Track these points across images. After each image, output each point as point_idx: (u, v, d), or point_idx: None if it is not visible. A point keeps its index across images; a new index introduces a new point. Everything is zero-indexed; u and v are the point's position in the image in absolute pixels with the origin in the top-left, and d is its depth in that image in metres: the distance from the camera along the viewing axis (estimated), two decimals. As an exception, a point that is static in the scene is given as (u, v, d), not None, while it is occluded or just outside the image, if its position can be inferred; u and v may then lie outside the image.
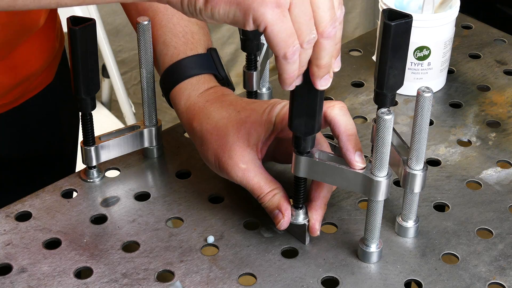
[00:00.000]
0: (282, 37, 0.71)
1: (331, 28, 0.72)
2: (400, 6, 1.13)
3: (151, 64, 0.94)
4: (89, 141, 0.95)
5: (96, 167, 0.98)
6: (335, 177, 0.84)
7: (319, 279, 0.86)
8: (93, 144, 0.95)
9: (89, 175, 0.98)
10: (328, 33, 0.72)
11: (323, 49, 0.74)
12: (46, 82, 1.13)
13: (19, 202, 0.95)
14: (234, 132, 0.89)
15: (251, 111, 0.90)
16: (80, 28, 0.85)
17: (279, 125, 0.89)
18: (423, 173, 0.87)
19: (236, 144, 0.89)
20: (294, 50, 0.72)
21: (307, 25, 0.71)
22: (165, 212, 0.94)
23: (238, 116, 0.90)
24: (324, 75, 0.75)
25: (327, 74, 0.75)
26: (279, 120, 0.88)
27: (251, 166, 0.88)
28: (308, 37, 0.72)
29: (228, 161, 0.89)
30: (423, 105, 0.82)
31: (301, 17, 0.71)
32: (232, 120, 0.90)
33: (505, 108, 1.12)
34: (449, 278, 0.86)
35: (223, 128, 0.90)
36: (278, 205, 0.88)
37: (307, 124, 0.80)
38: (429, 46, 1.11)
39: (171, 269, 0.87)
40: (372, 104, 1.10)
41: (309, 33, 0.72)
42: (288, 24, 0.71)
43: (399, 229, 0.91)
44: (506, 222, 0.93)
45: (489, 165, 1.01)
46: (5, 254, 0.88)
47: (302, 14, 0.71)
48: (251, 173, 0.88)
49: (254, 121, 0.89)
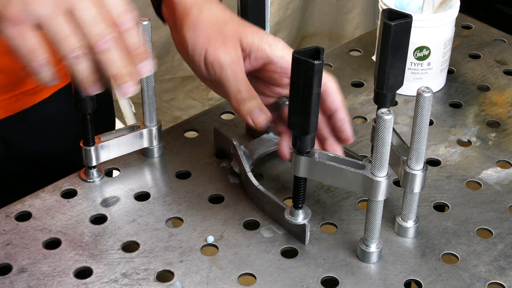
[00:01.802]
0: (24, 53, 0.73)
1: (101, 43, 0.73)
2: (400, 6, 1.13)
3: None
4: (89, 141, 0.95)
5: (96, 167, 0.98)
6: (335, 177, 0.84)
7: (319, 279, 0.86)
8: (93, 144, 0.95)
9: (89, 175, 0.98)
10: (99, 48, 0.74)
11: (104, 62, 0.74)
12: None
13: (19, 202, 0.95)
14: (233, 27, 0.90)
15: None
16: None
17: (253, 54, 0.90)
18: (423, 173, 0.87)
19: (235, 37, 0.90)
20: (37, 65, 0.74)
21: (62, 43, 0.73)
22: (165, 212, 0.94)
23: (237, 19, 0.92)
24: (122, 83, 0.75)
25: (127, 82, 0.75)
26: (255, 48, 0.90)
27: (241, 63, 0.90)
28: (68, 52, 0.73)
29: (221, 47, 0.89)
30: (423, 105, 0.82)
31: (55, 34, 0.73)
32: (233, 18, 0.92)
33: (505, 108, 1.12)
34: (449, 278, 0.86)
35: (222, 20, 0.91)
36: (260, 106, 0.90)
37: (302, 124, 0.80)
38: (429, 46, 1.11)
39: (171, 269, 0.87)
40: (372, 104, 1.10)
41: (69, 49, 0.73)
42: (30, 41, 0.73)
43: (399, 229, 0.91)
44: (506, 222, 0.93)
45: (489, 165, 1.01)
46: (5, 254, 0.88)
47: (55, 32, 0.73)
48: (240, 67, 0.89)
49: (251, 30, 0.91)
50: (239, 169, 0.98)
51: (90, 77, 0.75)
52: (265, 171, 1.00)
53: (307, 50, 0.77)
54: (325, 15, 1.71)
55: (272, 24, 1.53)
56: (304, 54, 0.77)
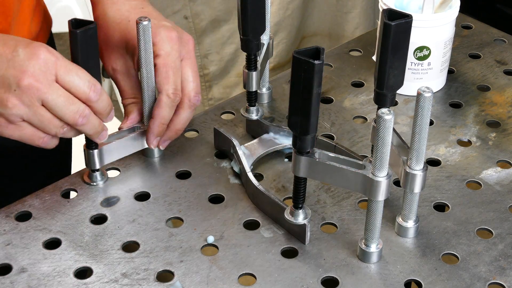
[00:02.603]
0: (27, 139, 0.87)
1: (78, 121, 0.87)
2: (400, 6, 1.13)
3: (151, 64, 0.94)
4: (91, 144, 0.95)
5: (99, 170, 0.97)
6: (335, 177, 0.84)
7: (319, 279, 0.86)
8: (96, 147, 0.95)
9: (93, 179, 0.97)
10: (77, 125, 0.88)
11: (83, 130, 0.90)
12: None
13: (19, 202, 0.95)
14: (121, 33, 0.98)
15: None
16: (81, 31, 0.85)
17: None
18: (423, 173, 0.87)
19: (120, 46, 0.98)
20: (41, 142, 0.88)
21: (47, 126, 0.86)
22: (165, 212, 0.94)
23: None
24: (97, 137, 0.92)
25: (102, 133, 0.92)
26: None
27: None
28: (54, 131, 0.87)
29: None
30: (423, 105, 0.82)
31: (39, 122, 0.86)
32: None
33: (505, 108, 1.12)
34: (449, 278, 0.86)
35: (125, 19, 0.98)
36: None
37: (302, 124, 0.80)
38: (429, 46, 1.11)
39: (171, 269, 0.87)
40: (372, 104, 1.10)
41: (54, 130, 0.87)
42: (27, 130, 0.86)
43: (399, 229, 0.91)
44: (506, 222, 0.93)
45: (489, 165, 1.01)
46: (5, 254, 0.88)
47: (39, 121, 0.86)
48: None
49: None
50: (239, 169, 0.98)
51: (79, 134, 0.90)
52: (265, 171, 1.00)
53: (307, 50, 0.77)
54: (325, 15, 1.71)
55: (272, 24, 1.52)
56: (304, 54, 0.77)
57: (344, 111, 1.05)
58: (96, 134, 0.91)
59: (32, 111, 0.84)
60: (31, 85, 0.83)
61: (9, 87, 0.83)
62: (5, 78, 0.83)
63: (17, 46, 0.84)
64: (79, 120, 0.87)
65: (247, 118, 1.05)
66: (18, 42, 0.85)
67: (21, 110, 0.84)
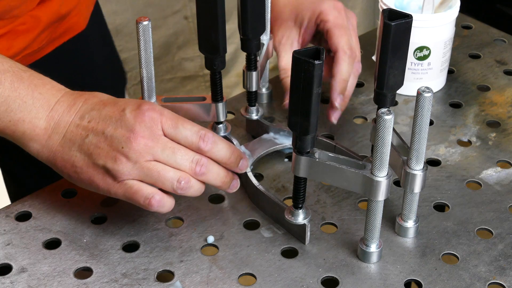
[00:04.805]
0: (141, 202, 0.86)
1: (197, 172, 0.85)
2: (400, 6, 1.13)
3: (151, 64, 0.94)
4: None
5: None
6: (335, 177, 0.84)
7: (319, 279, 0.86)
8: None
9: None
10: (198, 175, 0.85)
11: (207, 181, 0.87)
12: (77, 29, 1.14)
13: (19, 202, 0.95)
14: None
15: None
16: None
17: None
18: (423, 173, 0.87)
19: None
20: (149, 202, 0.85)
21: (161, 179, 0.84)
22: (165, 212, 0.94)
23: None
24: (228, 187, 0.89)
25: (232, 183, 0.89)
26: None
27: None
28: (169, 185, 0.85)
29: None
30: (423, 105, 0.82)
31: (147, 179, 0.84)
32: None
33: (505, 108, 1.12)
34: (449, 278, 0.86)
35: None
36: None
37: (302, 124, 0.80)
38: (429, 46, 1.11)
39: (171, 269, 0.87)
40: (372, 104, 1.10)
41: (169, 185, 0.85)
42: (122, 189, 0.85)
43: (399, 229, 0.91)
44: (506, 222, 0.93)
45: (489, 165, 1.01)
46: (5, 254, 0.88)
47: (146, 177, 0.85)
48: None
49: None
50: (239, 169, 0.98)
51: None
52: (265, 171, 1.00)
53: (307, 50, 0.77)
54: (325, 15, 1.71)
55: (272, 24, 1.53)
56: (304, 54, 0.77)
57: (344, 111, 1.05)
58: (224, 184, 0.88)
59: (141, 166, 0.83)
60: (139, 142, 0.83)
61: (118, 146, 0.83)
62: (114, 137, 0.83)
63: (125, 107, 0.85)
64: (197, 169, 0.85)
65: (247, 118, 1.05)
66: (127, 103, 0.85)
67: (128, 166, 0.83)
